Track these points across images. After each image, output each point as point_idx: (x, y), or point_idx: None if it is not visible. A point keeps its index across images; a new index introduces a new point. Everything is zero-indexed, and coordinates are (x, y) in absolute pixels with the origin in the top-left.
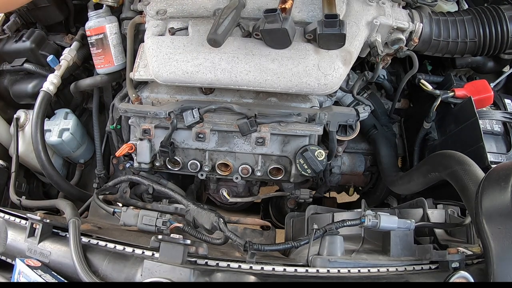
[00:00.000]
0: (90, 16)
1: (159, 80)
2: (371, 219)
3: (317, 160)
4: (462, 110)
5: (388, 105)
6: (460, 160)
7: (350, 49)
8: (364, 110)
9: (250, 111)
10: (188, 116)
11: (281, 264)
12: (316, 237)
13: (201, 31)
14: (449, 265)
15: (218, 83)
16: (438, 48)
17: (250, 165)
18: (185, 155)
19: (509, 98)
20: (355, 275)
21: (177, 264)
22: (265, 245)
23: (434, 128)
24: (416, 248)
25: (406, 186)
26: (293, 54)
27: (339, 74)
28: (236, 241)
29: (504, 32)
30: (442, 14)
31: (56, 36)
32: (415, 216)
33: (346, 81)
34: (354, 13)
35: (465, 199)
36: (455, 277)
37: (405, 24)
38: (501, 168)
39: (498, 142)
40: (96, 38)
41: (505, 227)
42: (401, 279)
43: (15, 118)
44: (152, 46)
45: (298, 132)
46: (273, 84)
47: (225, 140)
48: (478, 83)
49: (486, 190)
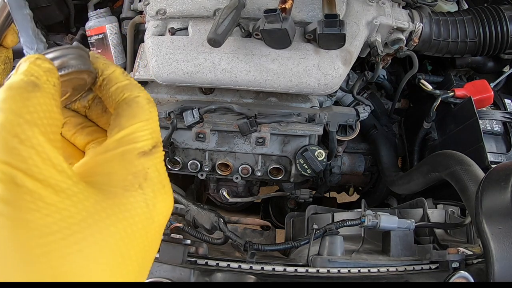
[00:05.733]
0: (90, 16)
1: (159, 80)
2: (371, 219)
3: (317, 160)
4: (462, 110)
5: (388, 105)
6: (460, 160)
7: (350, 49)
8: (364, 110)
9: (250, 111)
10: (188, 116)
11: (281, 264)
12: (316, 237)
13: (201, 31)
14: (449, 265)
15: (218, 83)
16: (438, 48)
17: (250, 165)
18: (185, 155)
19: (509, 98)
20: (355, 275)
21: (177, 264)
22: (265, 245)
23: (434, 128)
24: (416, 248)
25: (406, 186)
26: (293, 54)
27: (339, 74)
28: (236, 241)
29: (504, 32)
30: (442, 14)
31: (56, 36)
32: (415, 216)
33: (346, 81)
34: (354, 13)
35: (465, 199)
36: (455, 277)
37: (405, 24)
38: (501, 168)
39: (498, 142)
40: (96, 38)
41: (505, 227)
42: (401, 279)
43: None
44: (152, 46)
45: (298, 132)
46: (273, 84)
47: (225, 140)
48: (478, 83)
49: (486, 190)
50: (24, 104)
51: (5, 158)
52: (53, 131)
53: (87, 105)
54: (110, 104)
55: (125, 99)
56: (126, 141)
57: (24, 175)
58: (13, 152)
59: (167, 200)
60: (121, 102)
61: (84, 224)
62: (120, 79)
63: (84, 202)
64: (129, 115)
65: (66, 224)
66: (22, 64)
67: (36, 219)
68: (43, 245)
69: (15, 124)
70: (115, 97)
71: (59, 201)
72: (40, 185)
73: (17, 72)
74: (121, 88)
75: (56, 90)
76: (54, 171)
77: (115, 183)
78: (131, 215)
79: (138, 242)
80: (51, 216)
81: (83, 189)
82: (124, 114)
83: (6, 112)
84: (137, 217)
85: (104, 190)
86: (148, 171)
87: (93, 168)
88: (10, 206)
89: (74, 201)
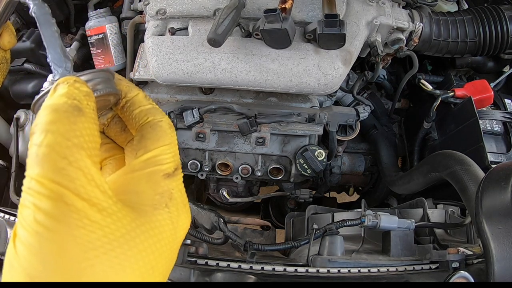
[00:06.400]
0: (90, 16)
1: (159, 80)
2: (371, 219)
3: (317, 160)
4: (462, 110)
5: (388, 105)
6: (460, 160)
7: (350, 49)
8: (364, 110)
9: (250, 111)
10: (188, 116)
11: (281, 264)
12: (316, 237)
13: (201, 31)
14: (449, 265)
15: (218, 83)
16: (438, 48)
17: (250, 165)
18: (185, 155)
19: (509, 98)
20: (355, 275)
21: (177, 264)
22: (265, 245)
23: (434, 128)
24: (416, 248)
25: (406, 186)
26: (293, 54)
27: (339, 74)
28: (236, 241)
29: (504, 32)
30: (442, 14)
31: None
32: (415, 216)
33: (346, 81)
34: (354, 13)
35: (465, 199)
36: (455, 277)
37: (405, 24)
38: (501, 168)
39: (498, 142)
40: (96, 38)
41: (505, 227)
42: (401, 279)
43: (15, 118)
44: (152, 46)
45: (298, 132)
46: (273, 84)
47: (225, 140)
48: (478, 83)
49: (486, 190)
50: (72, 128)
51: (55, 177)
52: (95, 154)
53: (106, 122)
54: (132, 125)
55: (149, 122)
56: (152, 163)
57: (72, 194)
58: (62, 173)
59: (188, 218)
60: (145, 125)
61: (122, 240)
62: (143, 103)
63: (122, 220)
64: (154, 138)
65: (107, 240)
66: (60, 86)
67: (82, 235)
68: (88, 259)
69: (64, 147)
70: (139, 120)
71: (101, 219)
72: (86, 204)
73: (56, 93)
74: (145, 112)
75: (95, 114)
76: (98, 191)
77: (145, 202)
78: (160, 232)
79: (165, 256)
80: (95, 232)
81: (121, 208)
82: (149, 137)
83: (56, 134)
84: (164, 233)
85: (137, 209)
86: (173, 192)
87: (123, 187)
88: (59, 223)
89: (114, 219)
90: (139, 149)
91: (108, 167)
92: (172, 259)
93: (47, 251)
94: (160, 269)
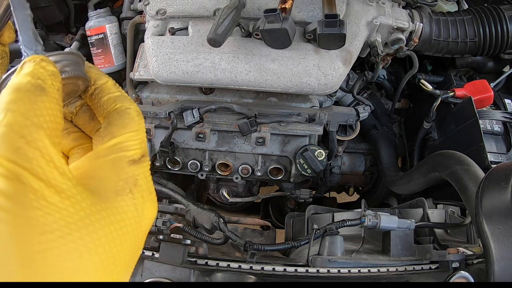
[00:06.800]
0: (90, 16)
1: (159, 80)
2: (371, 219)
3: (317, 160)
4: (462, 110)
5: (388, 105)
6: (460, 160)
7: (350, 49)
8: (364, 110)
9: (250, 111)
10: (188, 116)
11: (281, 264)
12: (316, 237)
13: (201, 31)
14: (449, 265)
15: (218, 83)
16: (438, 48)
17: (250, 165)
18: (185, 155)
19: (509, 98)
20: (355, 275)
21: (177, 264)
22: (265, 245)
23: (434, 128)
24: (416, 248)
25: (406, 186)
26: (293, 54)
27: (339, 74)
28: (236, 241)
29: (504, 32)
30: (442, 14)
31: (56, 36)
32: (415, 216)
33: (346, 81)
34: (354, 13)
35: (465, 199)
36: (455, 277)
37: (405, 24)
38: (501, 168)
39: (498, 142)
40: (96, 38)
41: (505, 227)
42: (401, 279)
43: None
44: (152, 46)
45: (298, 132)
46: (273, 84)
47: (225, 140)
48: (478, 83)
49: (486, 190)
50: (32, 107)
51: (11, 156)
52: (56, 135)
53: (74, 111)
54: (100, 112)
55: (117, 109)
56: (118, 149)
57: (29, 174)
58: (19, 152)
59: (153, 206)
60: (113, 112)
61: (81, 224)
62: (112, 90)
63: (81, 203)
64: (121, 125)
65: (65, 223)
66: (27, 64)
67: (38, 217)
68: (42, 242)
69: (22, 126)
70: (107, 107)
71: (59, 201)
72: (44, 185)
73: (21, 72)
74: (113, 99)
75: (59, 95)
76: (56, 172)
77: (108, 187)
78: (122, 218)
79: (128, 244)
80: (51, 214)
81: (81, 191)
82: (115, 123)
83: (15, 113)
84: (127, 220)
85: (98, 194)
86: (138, 178)
87: (86, 172)
88: (14, 202)
89: (73, 201)
90: (105, 135)
91: (76, 156)
92: (137, 248)
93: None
94: (122, 257)
